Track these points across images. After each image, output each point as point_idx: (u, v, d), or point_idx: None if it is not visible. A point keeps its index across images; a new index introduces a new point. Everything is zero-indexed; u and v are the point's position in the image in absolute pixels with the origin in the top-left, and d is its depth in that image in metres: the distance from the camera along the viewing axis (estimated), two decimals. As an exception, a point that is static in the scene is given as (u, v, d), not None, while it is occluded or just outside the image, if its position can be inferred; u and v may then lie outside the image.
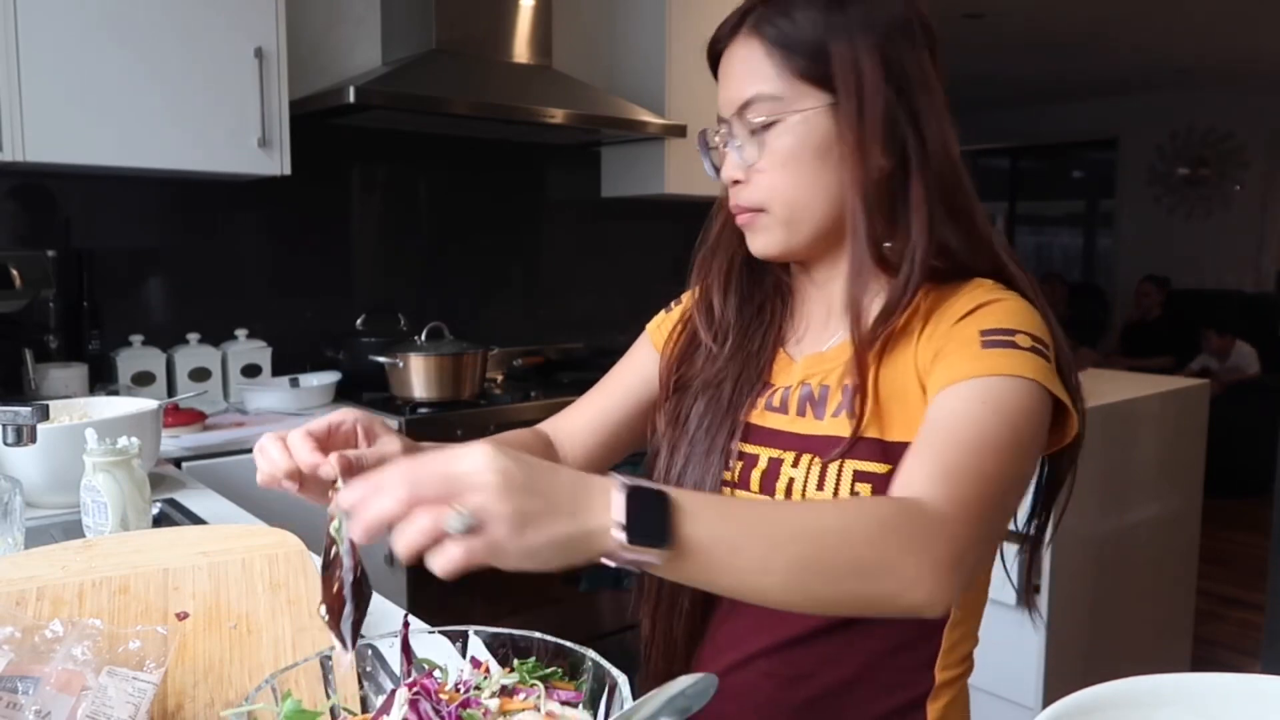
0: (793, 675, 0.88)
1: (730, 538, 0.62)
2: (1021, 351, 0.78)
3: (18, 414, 1.23)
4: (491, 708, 0.63)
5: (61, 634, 0.75)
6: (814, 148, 0.84)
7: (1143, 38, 5.50)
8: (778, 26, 0.84)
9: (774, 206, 0.86)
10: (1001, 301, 0.83)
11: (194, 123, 2.28)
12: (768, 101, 0.84)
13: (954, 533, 0.68)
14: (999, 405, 0.75)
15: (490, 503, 0.55)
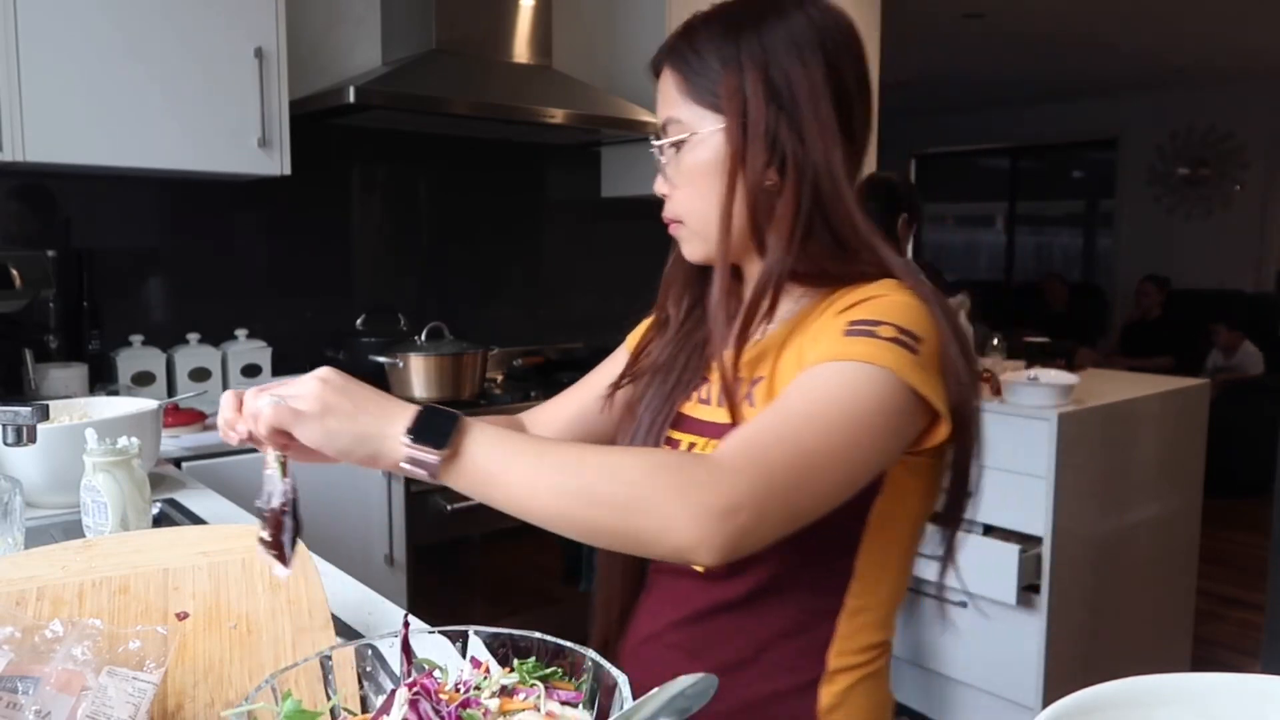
0: (693, 649, 0.94)
1: (503, 457, 0.74)
2: (880, 341, 0.81)
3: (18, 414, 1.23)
4: (491, 708, 0.63)
5: (61, 634, 0.75)
6: (712, 166, 0.92)
7: (1143, 38, 5.50)
8: (685, 59, 0.93)
9: (688, 219, 0.96)
10: (885, 297, 0.86)
11: (194, 123, 2.28)
12: (678, 124, 0.94)
13: (732, 484, 0.72)
14: (837, 385, 0.79)
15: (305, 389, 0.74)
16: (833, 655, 0.91)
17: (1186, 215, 7.07)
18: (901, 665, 2.98)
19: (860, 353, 0.80)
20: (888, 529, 0.90)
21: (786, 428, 0.77)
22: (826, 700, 0.91)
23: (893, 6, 3.85)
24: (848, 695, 0.92)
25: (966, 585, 2.75)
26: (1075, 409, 2.60)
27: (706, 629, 0.94)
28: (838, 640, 0.91)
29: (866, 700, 0.93)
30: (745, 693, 0.91)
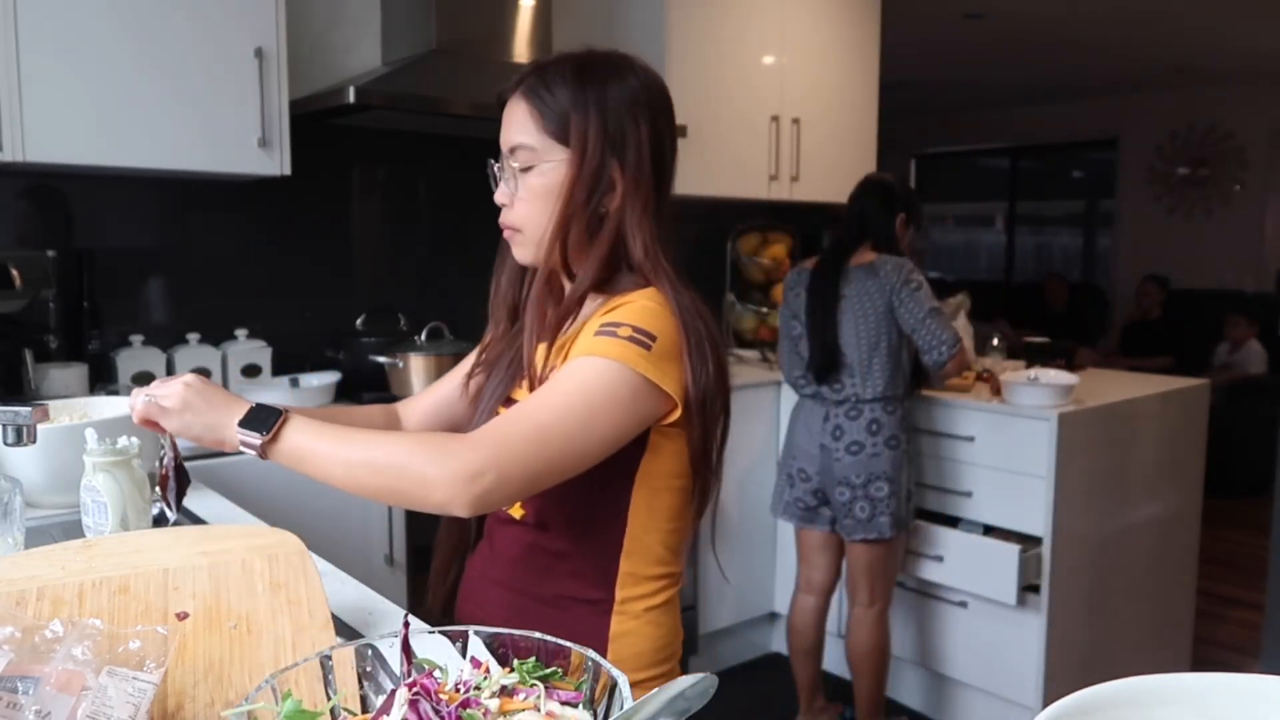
0: (515, 587, 1.16)
1: (312, 441, 1.01)
2: (618, 340, 1.03)
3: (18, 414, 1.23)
4: (491, 708, 0.63)
5: (61, 634, 0.75)
6: (552, 189, 1.11)
7: (1143, 38, 5.50)
8: (539, 95, 1.12)
9: (525, 229, 1.14)
10: (635, 304, 1.07)
11: (194, 123, 2.28)
12: (527, 150, 1.12)
13: (474, 455, 0.96)
14: (576, 375, 1.02)
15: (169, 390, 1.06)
16: (619, 588, 1.13)
17: (1186, 215, 7.07)
18: (902, 665, 2.99)
19: (600, 349, 1.02)
20: (652, 481, 1.12)
21: (529, 409, 1.01)
22: (616, 627, 1.12)
23: (893, 6, 3.85)
24: (634, 623, 1.13)
25: (966, 585, 2.76)
26: (1075, 409, 2.61)
27: (521, 568, 1.16)
28: (621, 575, 1.13)
29: (653, 629, 1.14)
30: (556, 622, 1.07)
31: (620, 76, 1.13)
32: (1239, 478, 4.75)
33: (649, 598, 1.14)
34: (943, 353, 2.46)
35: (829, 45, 3.62)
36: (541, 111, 1.11)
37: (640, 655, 1.13)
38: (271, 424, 1.01)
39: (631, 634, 1.13)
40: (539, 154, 1.11)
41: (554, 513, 1.13)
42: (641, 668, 1.12)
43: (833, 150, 3.66)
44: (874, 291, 2.51)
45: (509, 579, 1.16)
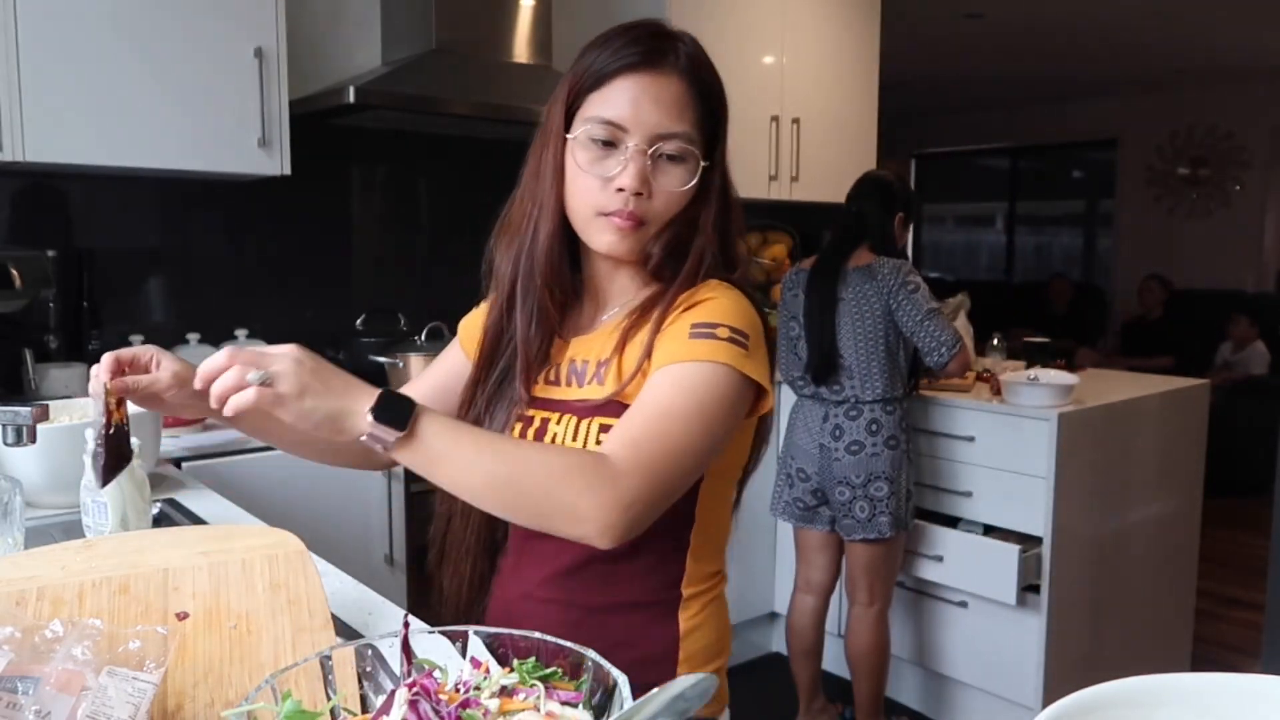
0: (566, 600, 1.07)
1: (450, 443, 0.87)
2: (719, 341, 0.97)
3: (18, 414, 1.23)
4: (491, 708, 0.63)
5: (61, 634, 0.75)
6: (694, 189, 1.04)
7: (1143, 38, 5.50)
8: (706, 85, 1.03)
9: (653, 224, 1.04)
10: (716, 299, 1.02)
11: (194, 123, 2.28)
12: (684, 141, 1.01)
13: (625, 484, 0.88)
14: (690, 384, 0.95)
15: (284, 370, 0.83)
16: (685, 586, 1.08)
17: (1186, 215, 7.07)
18: (902, 665, 2.99)
19: (705, 353, 0.96)
20: (718, 478, 1.07)
21: (659, 427, 0.93)
22: (685, 624, 1.08)
23: (893, 6, 3.85)
24: (699, 618, 1.09)
25: (966, 585, 2.75)
26: (1075, 409, 2.61)
27: (577, 580, 1.06)
28: (687, 573, 1.08)
29: (714, 620, 1.11)
30: (618, 629, 1.05)
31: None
32: (1239, 478, 4.74)
33: (709, 592, 1.11)
34: (944, 354, 2.46)
35: (829, 45, 3.61)
36: (703, 106, 1.03)
37: (709, 648, 1.10)
38: (406, 417, 0.85)
39: (700, 629, 1.09)
40: (695, 149, 1.02)
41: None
42: (709, 660, 1.10)
43: (833, 150, 3.66)
44: (871, 295, 2.50)
45: (560, 594, 1.07)
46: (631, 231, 1.03)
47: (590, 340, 1.10)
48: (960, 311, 3.09)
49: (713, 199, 1.06)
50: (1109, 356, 6.00)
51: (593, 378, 1.06)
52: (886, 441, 2.53)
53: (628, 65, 1.01)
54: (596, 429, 1.02)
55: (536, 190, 1.09)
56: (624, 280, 1.11)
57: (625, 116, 1.00)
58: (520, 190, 1.13)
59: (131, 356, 1.05)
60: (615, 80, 1.01)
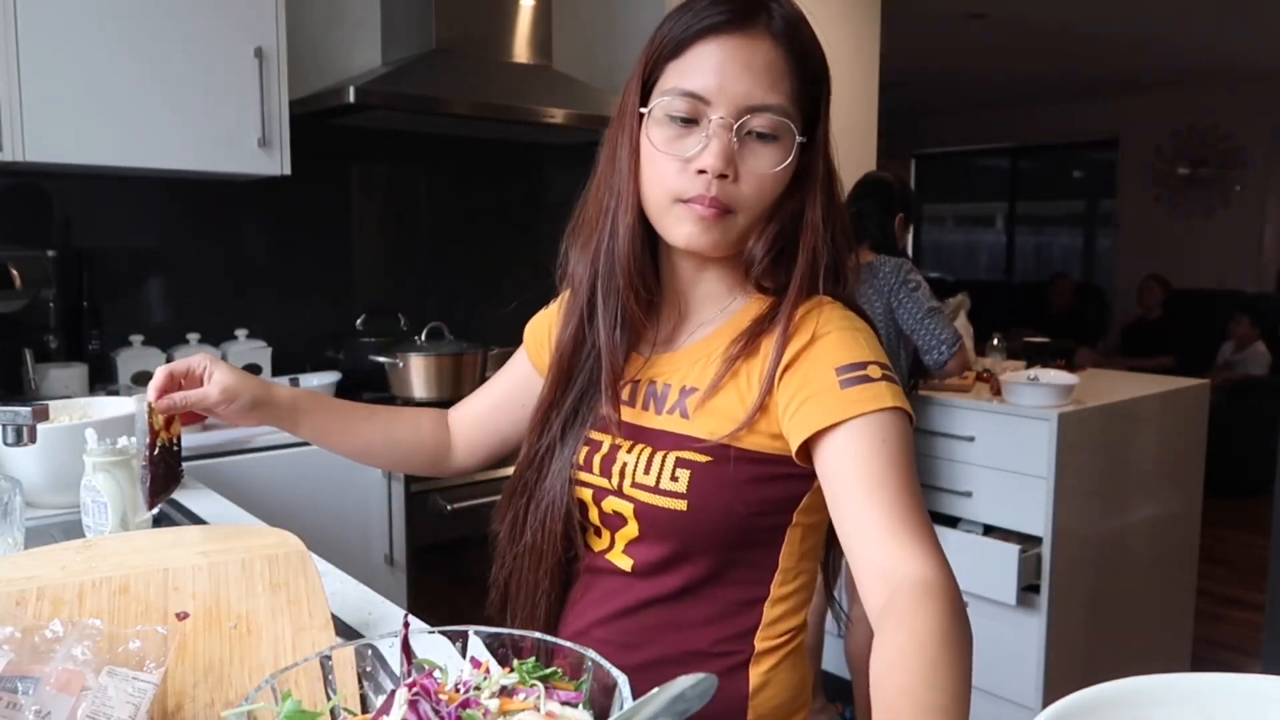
0: (624, 643, 0.95)
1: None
2: (876, 383, 0.84)
3: (18, 414, 1.23)
4: (491, 708, 0.63)
5: (61, 634, 0.75)
6: (784, 174, 0.89)
7: (1143, 38, 5.50)
8: (802, 46, 0.89)
9: (744, 213, 0.89)
10: (844, 331, 0.88)
11: (194, 123, 2.28)
12: (779, 116, 0.87)
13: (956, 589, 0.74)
14: (894, 442, 0.82)
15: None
16: (759, 640, 0.95)
17: (1186, 215, 7.07)
18: (901, 665, 2.98)
19: (876, 400, 0.83)
20: (809, 522, 0.94)
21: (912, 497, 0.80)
22: (755, 680, 0.95)
23: (893, 6, 3.85)
24: (773, 674, 0.95)
25: (966, 585, 2.75)
26: (1075, 409, 2.60)
27: (636, 623, 0.96)
28: (763, 626, 0.95)
29: (789, 676, 0.97)
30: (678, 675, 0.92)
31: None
32: (1239, 478, 4.74)
33: (785, 646, 0.97)
34: (943, 352, 2.46)
35: (829, 45, 3.59)
36: (802, 74, 0.88)
37: (780, 708, 0.97)
38: None
39: (771, 685, 0.96)
40: (793, 125, 0.88)
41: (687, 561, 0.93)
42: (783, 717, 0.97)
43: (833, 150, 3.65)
44: (872, 294, 2.50)
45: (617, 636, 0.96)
46: (716, 221, 0.88)
47: (674, 359, 0.96)
48: (960, 311, 3.09)
49: (816, 188, 0.91)
50: (1109, 356, 6.00)
51: (675, 406, 0.93)
52: (886, 441, 2.52)
53: (711, 27, 0.87)
54: (673, 463, 0.90)
55: (613, 179, 0.94)
56: (712, 285, 0.96)
57: (708, 87, 0.86)
58: (595, 181, 0.97)
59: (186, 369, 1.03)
60: (697, 45, 0.87)
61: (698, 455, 0.89)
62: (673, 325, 0.98)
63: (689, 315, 0.98)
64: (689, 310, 0.98)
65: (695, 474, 0.89)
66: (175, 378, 1.02)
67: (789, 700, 0.97)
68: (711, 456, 0.89)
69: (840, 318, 0.90)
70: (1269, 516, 2.50)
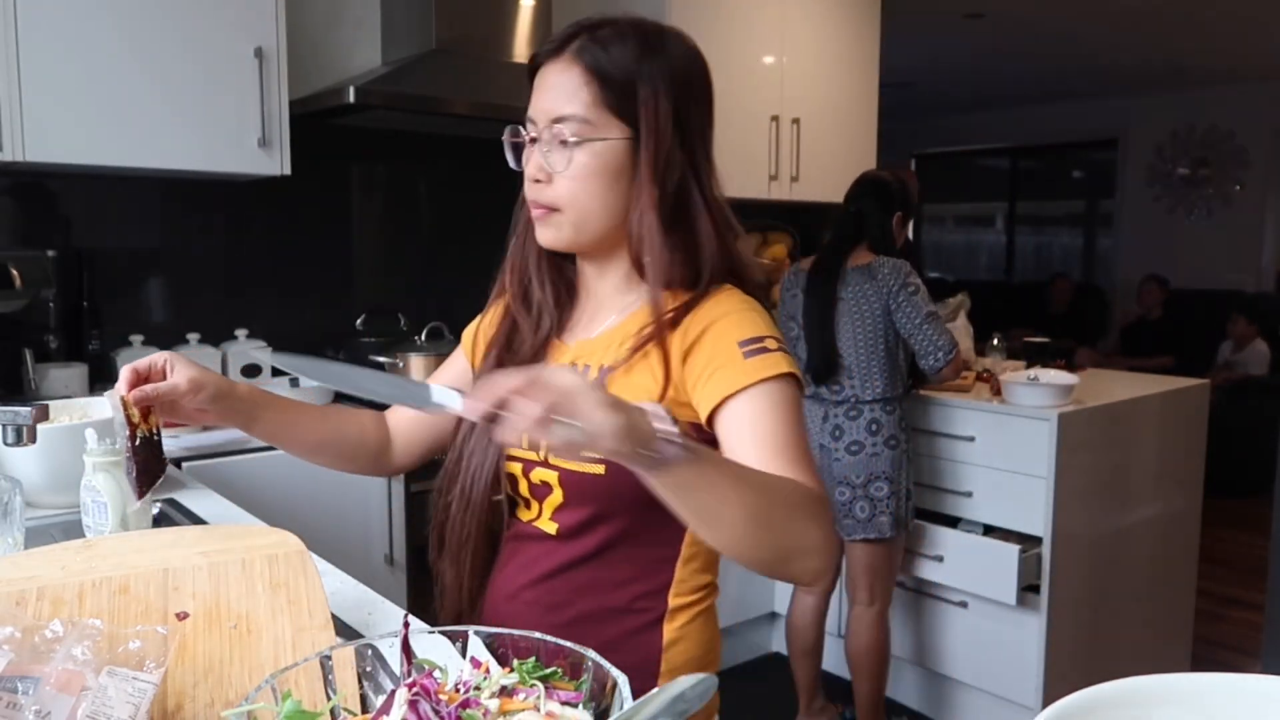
0: (551, 603, 1.06)
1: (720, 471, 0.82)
2: (774, 353, 0.98)
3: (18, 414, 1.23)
4: (491, 708, 0.63)
5: (61, 634, 0.75)
6: (611, 171, 1.01)
7: (1143, 38, 5.50)
8: (596, 59, 1.00)
9: (568, 210, 1.02)
10: (740, 313, 1.01)
11: (194, 123, 2.28)
12: (578, 123, 1.00)
13: (830, 519, 0.90)
14: (785, 401, 0.96)
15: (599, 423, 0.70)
16: (672, 596, 1.07)
17: (1186, 215, 7.07)
18: (902, 665, 2.99)
19: (771, 368, 0.96)
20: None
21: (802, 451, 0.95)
22: (669, 635, 1.07)
23: (893, 6, 3.85)
24: (685, 630, 1.08)
25: (966, 585, 2.75)
26: (1075, 409, 2.61)
27: (561, 584, 1.06)
28: (675, 583, 1.07)
29: (701, 634, 1.09)
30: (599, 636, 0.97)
31: (678, 47, 1.03)
32: (1239, 478, 4.74)
33: (698, 604, 1.09)
34: (939, 358, 2.46)
35: (829, 45, 3.61)
36: (600, 80, 0.99)
37: (692, 661, 1.08)
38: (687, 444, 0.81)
39: (684, 640, 1.08)
40: (594, 128, 1.00)
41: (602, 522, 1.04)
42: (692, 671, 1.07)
43: (833, 150, 3.66)
44: (871, 295, 2.50)
45: (544, 596, 1.07)
46: (545, 220, 1.03)
47: (592, 345, 1.08)
48: (960, 311, 3.09)
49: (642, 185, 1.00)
50: (1109, 356, 5.99)
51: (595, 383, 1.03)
52: (886, 441, 2.53)
53: (539, 63, 1.05)
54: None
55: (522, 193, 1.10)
56: (616, 279, 1.09)
57: (531, 109, 1.04)
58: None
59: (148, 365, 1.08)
60: (534, 79, 1.06)
61: None
62: (589, 316, 1.11)
63: (601, 307, 1.10)
64: (600, 302, 1.10)
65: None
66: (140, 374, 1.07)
67: (700, 655, 1.09)
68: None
69: (738, 300, 1.02)
70: (1269, 516, 2.50)
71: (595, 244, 1.05)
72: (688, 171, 1.02)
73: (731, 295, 1.03)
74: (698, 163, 1.03)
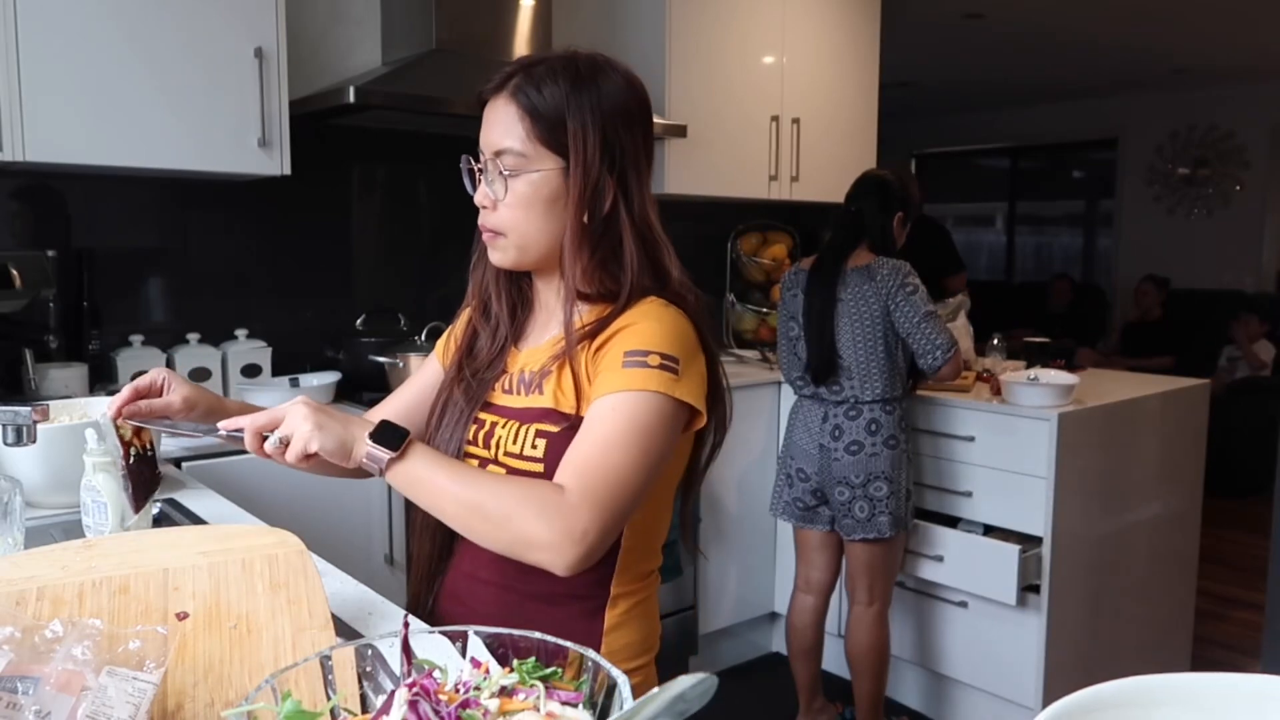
0: (505, 584, 1.15)
1: (430, 469, 1.02)
2: (650, 370, 1.05)
3: (18, 414, 1.23)
4: (491, 708, 0.63)
5: (61, 634, 0.75)
6: (545, 198, 1.11)
7: (1143, 38, 5.49)
8: (529, 97, 1.10)
9: (510, 234, 1.13)
10: (646, 324, 1.08)
11: (194, 123, 2.28)
12: (515, 155, 1.10)
13: (576, 516, 0.98)
14: (629, 414, 1.04)
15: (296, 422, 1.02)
16: (614, 584, 1.15)
17: (1186, 215, 7.07)
18: (902, 665, 2.99)
19: (639, 383, 1.04)
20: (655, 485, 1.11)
21: (604, 459, 1.02)
22: (610, 621, 1.15)
23: (893, 6, 3.85)
24: (626, 617, 1.16)
25: (966, 585, 2.76)
26: (1075, 409, 2.61)
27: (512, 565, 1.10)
28: (618, 572, 1.14)
29: (641, 621, 1.18)
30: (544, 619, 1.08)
31: (609, 80, 1.12)
32: (1239, 478, 4.74)
33: (639, 593, 1.17)
34: (938, 357, 2.46)
35: (829, 45, 3.61)
36: (532, 116, 1.09)
37: (630, 646, 1.16)
38: (399, 443, 1.02)
39: (623, 627, 1.16)
40: (529, 160, 1.10)
41: None
42: (630, 658, 1.16)
43: (833, 150, 3.66)
44: (870, 295, 2.50)
45: (499, 578, 1.15)
46: (492, 242, 1.15)
47: (536, 352, 1.18)
48: (960, 311, 3.09)
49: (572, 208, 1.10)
50: (1109, 356, 5.99)
51: (534, 387, 1.14)
52: (886, 441, 2.53)
53: (484, 99, 1.15)
54: (533, 434, 1.11)
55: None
56: (554, 293, 1.19)
57: (480, 140, 1.16)
58: None
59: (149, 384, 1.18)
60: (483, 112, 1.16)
61: (551, 426, 1.10)
62: (541, 325, 1.22)
63: (552, 317, 1.20)
64: (550, 313, 1.20)
65: (550, 441, 1.10)
66: (140, 392, 1.17)
67: (638, 641, 1.17)
68: (559, 426, 1.10)
69: (652, 312, 1.09)
70: (1269, 516, 2.50)
71: (540, 262, 1.15)
72: (618, 195, 1.11)
73: (649, 307, 1.10)
74: (628, 186, 1.12)
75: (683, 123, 3.11)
